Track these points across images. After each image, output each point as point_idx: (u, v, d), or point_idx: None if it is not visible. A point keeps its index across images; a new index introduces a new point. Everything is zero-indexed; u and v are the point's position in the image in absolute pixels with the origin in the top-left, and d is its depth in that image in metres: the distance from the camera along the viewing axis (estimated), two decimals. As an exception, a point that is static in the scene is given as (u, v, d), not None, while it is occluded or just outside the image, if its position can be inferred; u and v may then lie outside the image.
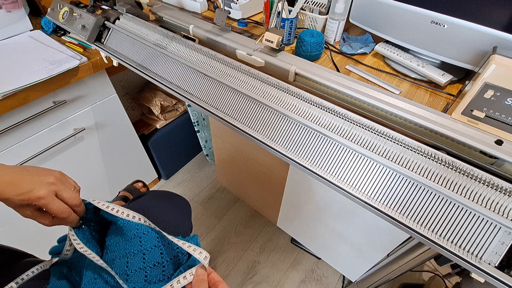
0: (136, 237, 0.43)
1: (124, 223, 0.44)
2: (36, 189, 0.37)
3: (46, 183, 0.38)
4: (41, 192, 0.37)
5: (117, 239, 0.44)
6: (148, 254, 0.42)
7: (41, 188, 0.37)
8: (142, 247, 0.43)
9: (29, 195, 0.37)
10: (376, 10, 0.62)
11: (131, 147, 1.17)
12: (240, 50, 0.57)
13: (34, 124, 0.80)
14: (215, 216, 1.33)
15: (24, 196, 0.37)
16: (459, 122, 0.41)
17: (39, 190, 0.37)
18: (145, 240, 0.43)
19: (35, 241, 0.95)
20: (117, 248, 0.43)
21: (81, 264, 0.45)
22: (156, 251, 0.43)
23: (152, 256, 0.42)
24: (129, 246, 0.43)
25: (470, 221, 0.35)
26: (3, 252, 0.49)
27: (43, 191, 0.37)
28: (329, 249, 0.99)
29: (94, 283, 0.40)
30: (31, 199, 0.37)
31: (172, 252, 0.44)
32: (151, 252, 0.43)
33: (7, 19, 0.84)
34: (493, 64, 0.40)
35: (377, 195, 0.39)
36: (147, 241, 0.43)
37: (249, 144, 0.95)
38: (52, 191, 0.38)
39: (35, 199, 0.37)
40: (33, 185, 0.37)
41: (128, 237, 0.43)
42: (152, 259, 0.42)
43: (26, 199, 0.37)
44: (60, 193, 0.39)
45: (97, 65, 0.83)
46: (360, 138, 0.42)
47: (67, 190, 0.40)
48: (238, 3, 0.79)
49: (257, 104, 0.50)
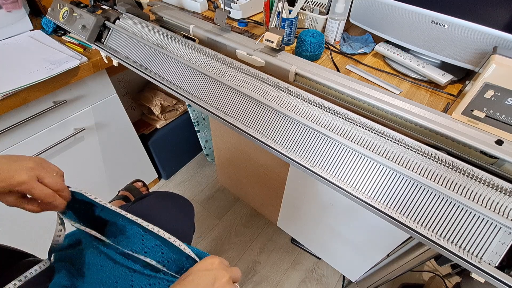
0: (139, 235, 0.43)
1: (126, 222, 0.44)
2: (16, 175, 0.36)
3: (26, 168, 0.37)
4: (22, 177, 0.36)
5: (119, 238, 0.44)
6: (149, 252, 0.43)
7: (21, 173, 0.36)
8: (144, 245, 0.43)
9: (10, 181, 0.36)
10: (376, 10, 0.62)
11: (131, 147, 1.17)
12: (240, 50, 0.57)
13: (34, 124, 0.80)
14: (215, 216, 1.33)
15: (5, 183, 0.35)
16: (459, 122, 0.41)
17: (20, 175, 0.36)
18: (147, 239, 0.44)
19: (35, 241, 0.96)
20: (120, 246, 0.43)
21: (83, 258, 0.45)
22: (157, 250, 0.43)
23: (154, 255, 0.43)
24: (131, 244, 0.43)
25: (470, 221, 0.35)
26: (3, 252, 0.49)
27: (24, 176, 0.36)
28: (329, 249, 0.99)
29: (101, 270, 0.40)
30: (12, 185, 0.36)
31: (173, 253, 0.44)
32: (153, 250, 0.43)
33: (7, 19, 0.84)
34: (493, 64, 0.40)
35: (377, 195, 0.39)
36: (149, 240, 0.44)
37: (249, 144, 0.95)
38: (33, 175, 0.37)
39: (17, 185, 0.36)
40: (13, 171, 0.36)
41: (131, 235, 0.44)
42: (153, 258, 0.43)
43: (7, 185, 0.36)
44: (42, 179, 0.38)
45: (97, 65, 0.83)
46: (360, 138, 0.42)
47: (49, 175, 0.39)
48: (238, 3, 0.79)
49: (257, 104, 0.50)
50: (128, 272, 0.41)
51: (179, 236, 0.44)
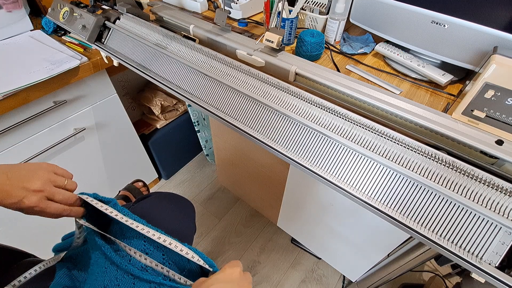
0: (141, 236, 0.43)
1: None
2: (25, 198, 0.35)
3: (33, 191, 0.36)
4: (31, 200, 0.35)
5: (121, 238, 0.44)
6: (151, 253, 0.43)
7: (30, 198, 0.35)
8: (146, 247, 0.43)
9: (20, 205, 0.35)
10: (377, 10, 0.62)
11: (131, 147, 1.17)
12: (241, 50, 0.57)
13: (34, 124, 0.80)
14: (215, 216, 1.33)
15: (16, 205, 0.35)
16: (460, 122, 0.41)
17: (29, 199, 0.35)
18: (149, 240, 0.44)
19: (35, 240, 0.96)
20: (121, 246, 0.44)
21: (86, 259, 0.45)
22: (158, 252, 0.43)
23: (155, 257, 0.43)
24: (132, 245, 0.43)
25: (471, 221, 0.34)
26: (3, 252, 0.49)
27: (33, 200, 0.35)
28: (329, 249, 0.99)
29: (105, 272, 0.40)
30: (22, 208, 0.35)
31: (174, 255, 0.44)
32: (154, 252, 0.43)
33: (7, 19, 0.84)
34: (494, 64, 0.40)
35: (377, 195, 0.39)
36: (151, 242, 0.43)
37: (249, 144, 0.95)
38: (42, 197, 0.36)
39: (27, 208, 0.35)
40: (21, 194, 0.35)
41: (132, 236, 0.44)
42: (154, 259, 0.43)
43: (19, 208, 0.35)
44: (52, 198, 0.38)
45: (97, 65, 0.83)
46: (360, 138, 0.42)
47: (58, 192, 0.38)
48: (238, 3, 0.79)
49: (257, 104, 0.50)
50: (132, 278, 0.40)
51: (180, 237, 0.44)
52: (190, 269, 0.44)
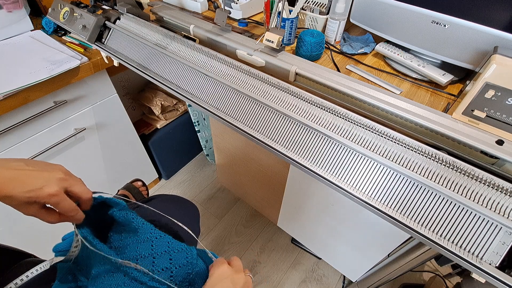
0: (149, 240, 0.43)
1: (139, 225, 0.43)
2: (47, 186, 0.34)
3: (56, 179, 0.35)
4: (52, 188, 0.34)
5: (128, 241, 0.44)
6: (158, 258, 0.42)
7: (52, 185, 0.35)
8: (153, 251, 0.43)
9: (38, 193, 0.34)
10: (377, 10, 0.62)
11: (131, 147, 1.17)
12: (241, 50, 0.57)
13: (34, 124, 0.80)
14: (215, 216, 1.33)
15: (33, 193, 0.34)
16: (460, 122, 0.41)
17: (51, 187, 0.34)
18: (157, 244, 0.43)
19: (35, 241, 0.96)
20: (128, 250, 0.43)
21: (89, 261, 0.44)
22: (165, 256, 0.43)
23: (162, 261, 0.42)
24: (140, 248, 0.43)
25: (471, 221, 0.34)
26: (3, 252, 0.49)
27: (55, 188, 0.35)
28: (329, 249, 0.99)
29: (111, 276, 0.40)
30: (40, 197, 0.34)
31: (181, 260, 0.44)
32: (161, 256, 0.43)
33: (8, 19, 0.84)
34: (494, 64, 0.40)
35: (377, 195, 0.39)
36: (158, 246, 0.43)
37: (249, 144, 0.95)
38: (63, 187, 0.36)
39: (46, 197, 0.34)
40: (43, 182, 0.34)
41: (141, 240, 0.43)
42: (161, 264, 0.42)
43: (35, 196, 0.34)
44: (71, 188, 0.37)
45: (97, 65, 0.83)
46: (360, 138, 0.42)
47: (79, 184, 0.38)
48: (238, 3, 0.79)
49: (257, 104, 0.50)
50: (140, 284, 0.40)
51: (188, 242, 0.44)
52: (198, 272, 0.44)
